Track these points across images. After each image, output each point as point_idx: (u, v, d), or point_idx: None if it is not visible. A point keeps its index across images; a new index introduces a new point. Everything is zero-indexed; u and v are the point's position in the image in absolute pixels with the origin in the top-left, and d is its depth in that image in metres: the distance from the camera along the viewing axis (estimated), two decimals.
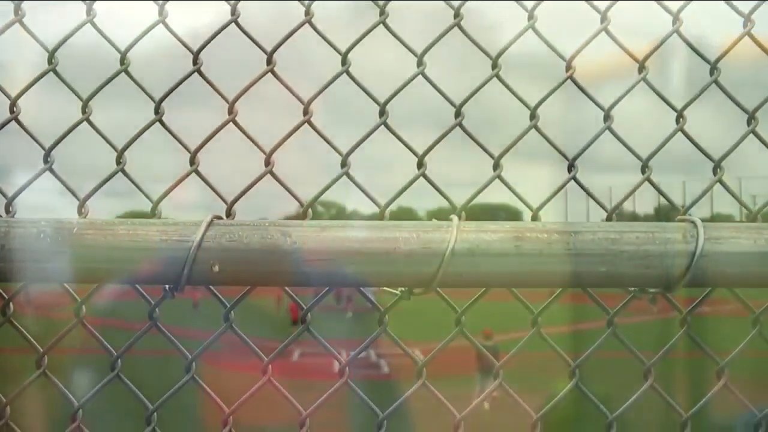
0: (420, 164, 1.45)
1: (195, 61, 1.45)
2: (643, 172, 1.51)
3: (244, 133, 1.45)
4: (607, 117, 1.50)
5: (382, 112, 1.45)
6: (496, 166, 1.47)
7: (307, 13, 1.45)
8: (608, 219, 1.48)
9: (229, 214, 1.41)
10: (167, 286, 1.28)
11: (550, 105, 1.50)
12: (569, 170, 1.49)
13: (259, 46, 1.46)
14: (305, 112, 1.44)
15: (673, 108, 1.51)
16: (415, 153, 1.45)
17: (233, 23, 1.45)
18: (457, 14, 1.46)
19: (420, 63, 1.46)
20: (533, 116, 1.48)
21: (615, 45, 1.50)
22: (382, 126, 1.45)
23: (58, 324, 1.45)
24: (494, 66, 1.47)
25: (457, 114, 1.46)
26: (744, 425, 1.55)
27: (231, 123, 1.44)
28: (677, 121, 1.51)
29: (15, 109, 1.45)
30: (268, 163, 1.44)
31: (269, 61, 1.44)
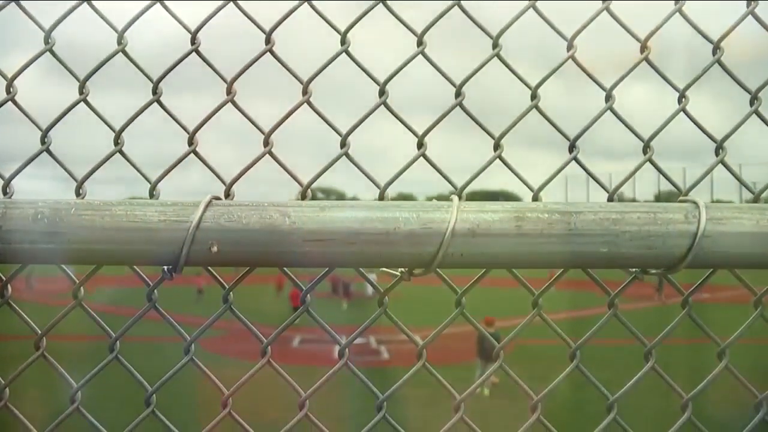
0: (420, 144, 1.44)
1: (193, 41, 1.44)
2: (644, 152, 1.50)
3: (243, 113, 1.43)
4: (609, 97, 1.49)
5: (382, 92, 1.44)
6: (497, 146, 1.46)
7: None
8: (609, 201, 1.47)
9: (228, 195, 1.40)
10: (166, 267, 1.27)
11: (550, 94, 1.49)
12: (570, 150, 1.48)
13: (258, 26, 1.45)
14: (304, 91, 1.43)
15: (675, 88, 1.50)
16: (414, 133, 1.44)
17: (231, 2, 1.43)
18: None
19: (420, 42, 1.45)
20: (534, 96, 1.47)
21: (612, 37, 1.49)
22: (384, 124, 1.44)
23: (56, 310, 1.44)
24: (495, 45, 1.45)
25: (458, 94, 1.45)
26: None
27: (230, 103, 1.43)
28: (679, 101, 1.50)
29: (11, 89, 1.44)
30: (266, 143, 1.42)
31: (268, 41, 1.43)
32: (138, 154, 1.49)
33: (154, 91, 1.44)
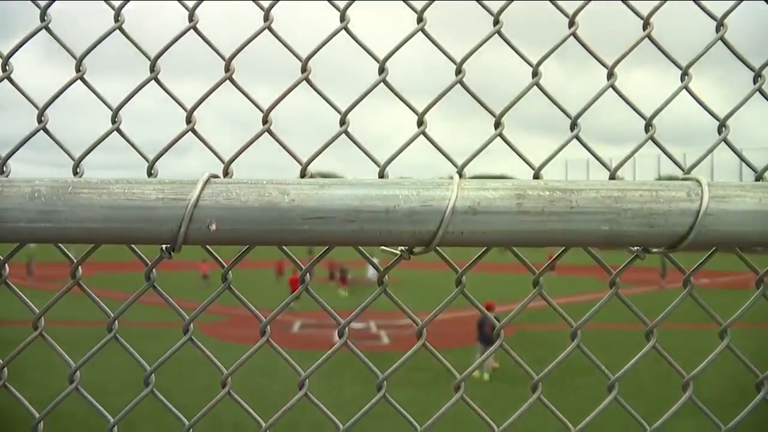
0: (420, 122, 1.43)
1: (191, 18, 1.42)
2: (646, 131, 1.49)
3: (241, 91, 1.42)
4: (611, 75, 1.47)
5: (382, 69, 1.42)
6: (497, 124, 1.45)
7: None
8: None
9: (226, 174, 1.40)
10: (164, 246, 1.26)
11: (551, 80, 1.47)
12: (572, 129, 1.47)
13: (256, 3, 1.43)
14: (303, 69, 1.41)
15: (678, 65, 1.48)
16: (414, 111, 1.43)
17: None
18: None
19: (420, 20, 1.44)
20: (535, 74, 1.45)
21: (615, 18, 1.47)
22: (385, 109, 1.42)
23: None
24: (496, 22, 1.44)
25: (458, 71, 1.43)
26: None
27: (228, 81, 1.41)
28: (682, 78, 1.48)
29: (7, 68, 1.43)
30: (265, 121, 1.41)
31: (266, 18, 1.41)
32: (137, 140, 1.48)
33: (152, 69, 1.42)
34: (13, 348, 1.44)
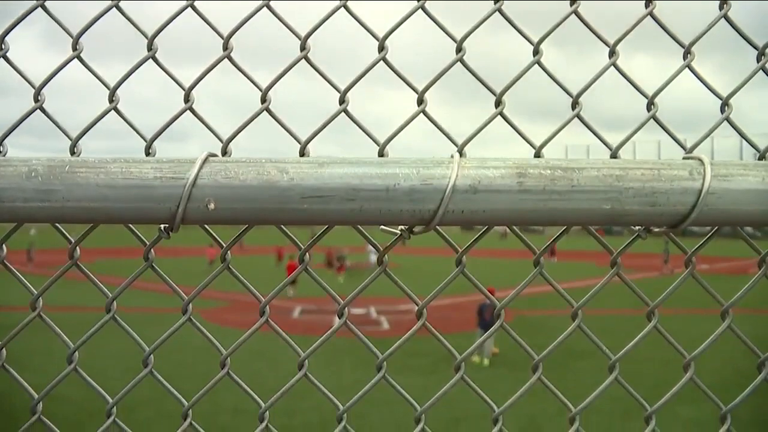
0: (420, 101, 1.42)
1: None
2: (648, 109, 1.47)
3: (239, 69, 1.41)
4: (612, 53, 1.46)
5: (381, 47, 1.41)
6: (498, 103, 1.44)
7: None
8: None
9: (225, 153, 1.38)
10: (162, 226, 1.25)
11: (551, 64, 1.46)
12: (573, 107, 1.46)
13: None
14: (302, 47, 1.40)
15: (680, 43, 1.47)
16: (414, 89, 1.42)
17: None
18: None
19: None
20: (536, 52, 1.44)
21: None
22: (386, 94, 1.41)
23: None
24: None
25: (458, 49, 1.42)
26: None
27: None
28: (684, 57, 1.47)
29: (3, 47, 1.41)
30: (264, 100, 1.40)
31: None
32: (138, 126, 1.46)
33: (149, 48, 1.41)
34: (13, 338, 1.43)
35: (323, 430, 12.44)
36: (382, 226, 1.25)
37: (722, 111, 1.48)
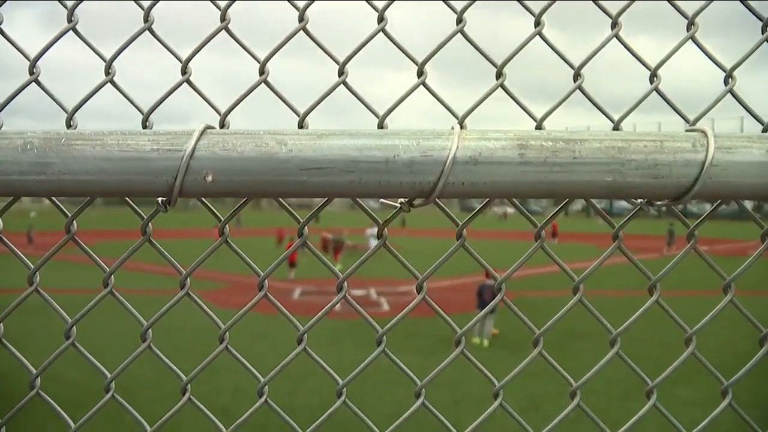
0: (420, 73, 1.40)
1: None
2: (651, 81, 1.46)
3: (237, 41, 1.39)
4: (615, 24, 1.44)
5: (381, 19, 1.39)
6: (499, 74, 1.42)
7: None
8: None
9: (223, 125, 1.37)
10: (160, 199, 1.24)
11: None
12: (575, 79, 1.44)
13: None
14: (300, 18, 1.38)
15: (684, 15, 1.45)
16: (414, 61, 1.40)
17: None
18: None
19: None
20: (538, 23, 1.42)
21: None
22: (388, 76, 1.39)
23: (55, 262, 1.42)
24: None
25: (459, 20, 1.40)
26: None
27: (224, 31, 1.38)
28: (688, 28, 1.45)
29: None
30: (262, 72, 1.38)
31: None
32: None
33: (146, 19, 1.39)
34: (11, 313, 1.43)
35: (324, 411, 12.50)
36: (382, 199, 1.24)
37: (725, 83, 1.46)
